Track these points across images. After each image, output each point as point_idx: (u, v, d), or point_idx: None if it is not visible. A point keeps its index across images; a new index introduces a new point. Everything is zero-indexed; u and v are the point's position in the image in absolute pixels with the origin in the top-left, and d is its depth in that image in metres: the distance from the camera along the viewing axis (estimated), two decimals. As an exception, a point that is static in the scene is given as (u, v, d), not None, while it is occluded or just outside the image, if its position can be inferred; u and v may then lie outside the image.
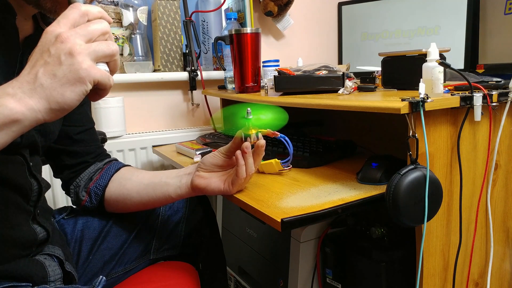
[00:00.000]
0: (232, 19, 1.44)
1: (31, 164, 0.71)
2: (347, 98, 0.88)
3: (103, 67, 0.51)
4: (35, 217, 0.73)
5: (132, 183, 0.85)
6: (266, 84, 1.25)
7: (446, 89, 0.82)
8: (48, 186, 0.80)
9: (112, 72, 0.53)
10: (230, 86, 1.39)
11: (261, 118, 0.75)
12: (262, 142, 0.74)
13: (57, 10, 0.61)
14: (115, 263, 0.87)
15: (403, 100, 0.69)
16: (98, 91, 0.51)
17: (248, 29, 1.17)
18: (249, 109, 0.74)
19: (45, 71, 0.47)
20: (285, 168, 0.93)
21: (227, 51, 1.37)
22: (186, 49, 1.54)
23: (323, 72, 1.06)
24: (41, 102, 0.47)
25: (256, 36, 1.18)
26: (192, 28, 1.53)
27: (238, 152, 0.73)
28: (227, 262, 1.06)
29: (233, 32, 1.18)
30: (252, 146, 0.74)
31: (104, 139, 1.17)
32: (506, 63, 1.23)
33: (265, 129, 0.76)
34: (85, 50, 0.48)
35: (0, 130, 0.47)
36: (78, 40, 0.48)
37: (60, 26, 0.49)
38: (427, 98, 0.69)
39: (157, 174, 0.85)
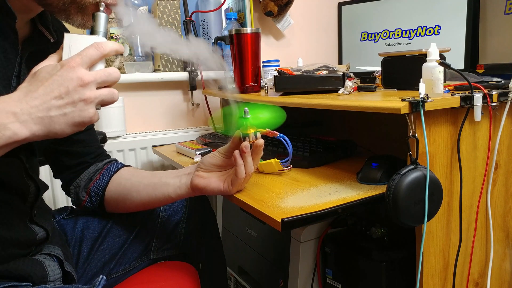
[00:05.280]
0: (232, 19, 1.44)
1: (27, 166, 0.71)
2: (347, 98, 0.88)
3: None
4: (32, 218, 0.73)
5: (132, 183, 0.85)
6: (266, 84, 1.25)
7: (446, 89, 0.82)
8: (46, 187, 0.80)
9: (101, 107, 0.57)
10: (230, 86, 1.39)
11: (259, 117, 0.75)
12: (261, 141, 0.74)
13: (85, 25, 0.63)
14: (115, 263, 0.87)
15: (403, 100, 0.69)
16: None
17: (248, 29, 1.18)
18: (246, 108, 0.74)
19: (58, 105, 0.51)
20: (285, 168, 0.93)
21: (227, 51, 1.37)
22: (186, 49, 1.53)
23: (323, 72, 1.06)
24: (43, 129, 0.51)
25: (256, 36, 1.18)
26: (192, 28, 1.53)
27: (236, 152, 0.73)
28: (227, 262, 1.06)
29: (233, 32, 1.18)
30: (251, 146, 0.74)
31: (104, 139, 1.17)
32: (506, 63, 1.23)
33: (263, 128, 0.76)
34: (96, 99, 0.53)
35: (1, 148, 0.50)
36: (94, 88, 0.53)
37: (83, 65, 0.52)
38: (427, 98, 0.69)
39: (157, 174, 0.85)
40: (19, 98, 0.51)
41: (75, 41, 0.56)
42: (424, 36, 1.45)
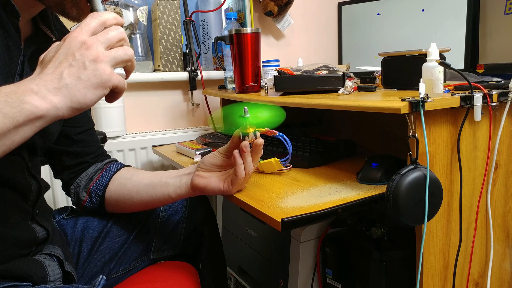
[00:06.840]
0: (232, 19, 1.44)
1: (30, 164, 0.71)
2: (347, 98, 0.88)
3: (120, 70, 0.56)
4: (33, 217, 0.73)
5: (132, 183, 0.85)
6: (266, 84, 1.25)
7: (446, 89, 0.82)
8: (47, 186, 0.80)
9: (128, 73, 0.57)
10: (230, 86, 1.39)
11: (259, 117, 0.75)
12: (260, 141, 0.74)
13: (80, 18, 0.64)
14: (115, 263, 0.87)
15: (403, 100, 0.69)
16: (114, 94, 0.56)
17: (248, 29, 1.17)
18: (246, 108, 0.74)
19: (70, 72, 0.51)
20: (285, 168, 0.93)
21: (227, 51, 1.37)
22: (186, 49, 1.54)
23: (323, 72, 1.06)
24: (64, 100, 0.51)
25: (256, 36, 1.18)
26: (192, 28, 1.53)
27: (236, 152, 0.73)
28: (227, 262, 1.06)
29: (233, 32, 1.18)
30: (251, 145, 0.74)
31: (104, 139, 1.17)
32: (506, 63, 1.23)
33: (263, 127, 0.76)
34: (107, 57, 0.53)
35: (25, 125, 0.49)
36: (100, 48, 0.53)
37: (83, 33, 0.53)
38: (427, 98, 0.69)
39: (157, 174, 0.85)
40: (32, 78, 0.51)
41: None
42: (424, 36, 1.45)
